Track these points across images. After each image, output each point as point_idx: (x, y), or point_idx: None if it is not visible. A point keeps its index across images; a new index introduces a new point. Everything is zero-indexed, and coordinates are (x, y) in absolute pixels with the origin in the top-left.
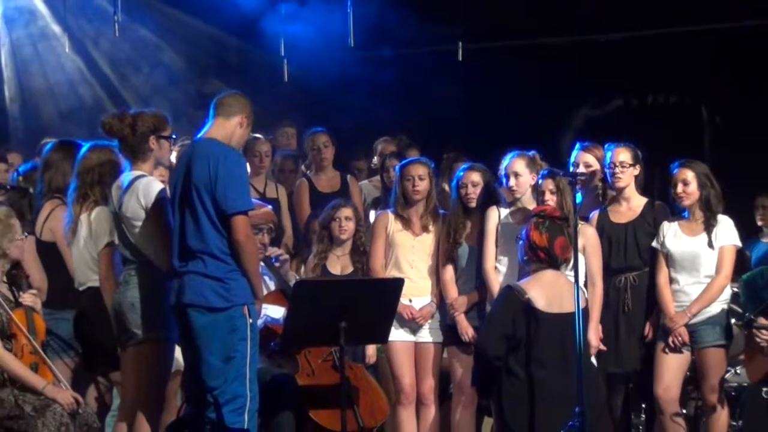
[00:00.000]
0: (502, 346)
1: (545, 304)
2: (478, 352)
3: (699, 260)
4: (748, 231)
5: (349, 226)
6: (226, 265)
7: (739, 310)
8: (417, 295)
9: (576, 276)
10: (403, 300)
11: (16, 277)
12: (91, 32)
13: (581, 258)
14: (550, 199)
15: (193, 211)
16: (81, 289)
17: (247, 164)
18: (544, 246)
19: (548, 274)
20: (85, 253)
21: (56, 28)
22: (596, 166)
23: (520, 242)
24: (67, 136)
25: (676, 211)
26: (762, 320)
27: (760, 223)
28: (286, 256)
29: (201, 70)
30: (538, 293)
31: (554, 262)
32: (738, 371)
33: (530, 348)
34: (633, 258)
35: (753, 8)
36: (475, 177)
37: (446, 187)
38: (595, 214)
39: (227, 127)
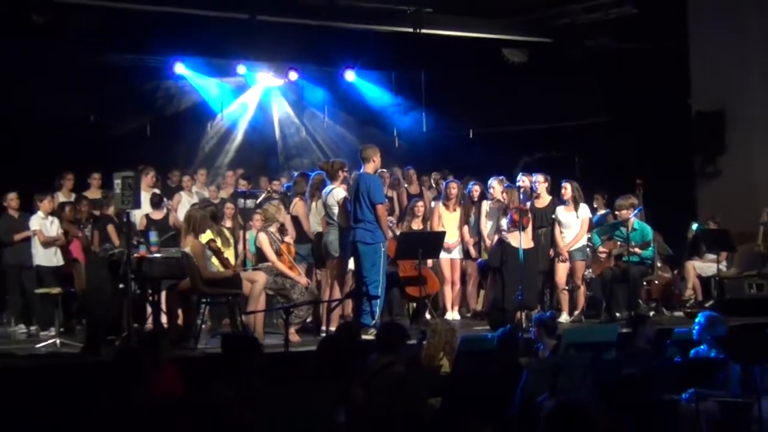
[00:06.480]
0: (497, 260)
1: (514, 244)
2: (487, 263)
3: (572, 223)
4: (593, 211)
5: (421, 210)
6: (373, 224)
7: (590, 244)
8: (449, 239)
9: (519, 232)
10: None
11: (282, 229)
12: (312, 122)
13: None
14: (509, 197)
15: (360, 202)
16: (314, 232)
17: (381, 181)
18: (518, 221)
19: (515, 233)
20: (315, 217)
21: (296, 120)
22: (527, 183)
23: (508, 219)
24: (302, 170)
25: (562, 202)
26: (601, 248)
27: (595, 206)
28: (394, 220)
29: (361, 143)
30: (512, 239)
31: (521, 228)
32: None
33: (504, 261)
34: (545, 222)
35: (604, 110)
36: (478, 188)
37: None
38: (528, 203)
39: (371, 165)
